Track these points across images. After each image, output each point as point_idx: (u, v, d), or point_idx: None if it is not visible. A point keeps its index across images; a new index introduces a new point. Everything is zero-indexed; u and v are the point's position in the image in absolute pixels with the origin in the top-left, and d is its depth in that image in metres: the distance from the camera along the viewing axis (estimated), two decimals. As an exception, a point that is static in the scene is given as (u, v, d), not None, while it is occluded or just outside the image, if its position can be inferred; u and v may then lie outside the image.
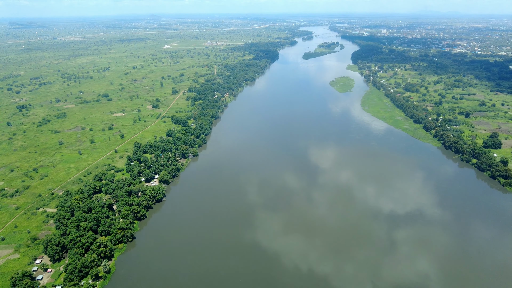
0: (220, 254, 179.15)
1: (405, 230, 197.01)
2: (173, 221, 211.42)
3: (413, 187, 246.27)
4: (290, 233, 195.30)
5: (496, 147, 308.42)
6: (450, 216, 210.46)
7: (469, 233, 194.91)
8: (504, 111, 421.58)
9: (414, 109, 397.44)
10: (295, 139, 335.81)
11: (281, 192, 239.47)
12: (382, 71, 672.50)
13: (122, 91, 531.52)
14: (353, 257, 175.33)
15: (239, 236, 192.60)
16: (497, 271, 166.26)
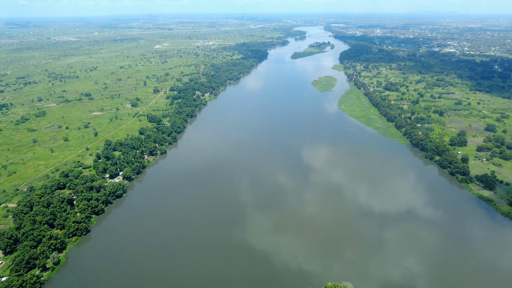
0: (173, 252, 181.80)
1: (361, 220, 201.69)
2: (130, 217, 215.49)
3: (376, 183, 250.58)
4: (245, 231, 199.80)
5: (462, 145, 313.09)
6: (406, 209, 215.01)
7: (418, 226, 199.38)
8: (478, 110, 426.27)
9: (388, 108, 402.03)
10: (264, 138, 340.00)
11: (241, 190, 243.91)
12: (367, 70, 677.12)
13: (105, 90, 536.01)
14: (324, 246, 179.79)
15: (195, 234, 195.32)
16: (438, 261, 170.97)
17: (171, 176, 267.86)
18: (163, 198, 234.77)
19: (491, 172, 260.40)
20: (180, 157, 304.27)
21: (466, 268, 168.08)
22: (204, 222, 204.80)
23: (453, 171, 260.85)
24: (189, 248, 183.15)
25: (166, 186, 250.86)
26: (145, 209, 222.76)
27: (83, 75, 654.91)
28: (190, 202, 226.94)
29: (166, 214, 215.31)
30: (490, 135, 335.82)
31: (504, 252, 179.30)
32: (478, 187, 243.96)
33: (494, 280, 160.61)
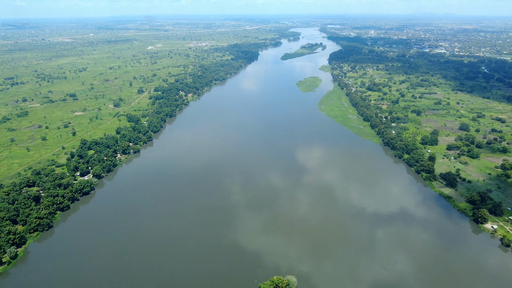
0: (133, 249, 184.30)
1: (321, 215, 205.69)
2: (95, 213, 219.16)
3: (342, 180, 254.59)
4: (199, 231, 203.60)
5: (433, 144, 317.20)
6: (368, 205, 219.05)
7: (376, 222, 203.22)
8: (456, 109, 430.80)
9: (365, 108, 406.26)
10: (238, 138, 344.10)
11: (209, 188, 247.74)
12: (353, 71, 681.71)
13: (90, 91, 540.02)
14: (293, 238, 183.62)
15: (157, 231, 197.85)
16: (385, 254, 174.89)
17: (141, 174, 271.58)
18: (130, 195, 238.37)
19: (456, 170, 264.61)
20: (153, 156, 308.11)
21: (411, 260, 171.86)
22: (167, 221, 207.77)
23: (418, 169, 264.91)
24: (149, 245, 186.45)
25: (135, 184, 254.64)
26: (111, 206, 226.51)
27: (71, 76, 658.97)
28: (157, 201, 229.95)
29: (131, 211, 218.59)
30: (463, 134, 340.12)
31: (449, 246, 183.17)
32: (441, 184, 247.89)
33: (435, 273, 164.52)
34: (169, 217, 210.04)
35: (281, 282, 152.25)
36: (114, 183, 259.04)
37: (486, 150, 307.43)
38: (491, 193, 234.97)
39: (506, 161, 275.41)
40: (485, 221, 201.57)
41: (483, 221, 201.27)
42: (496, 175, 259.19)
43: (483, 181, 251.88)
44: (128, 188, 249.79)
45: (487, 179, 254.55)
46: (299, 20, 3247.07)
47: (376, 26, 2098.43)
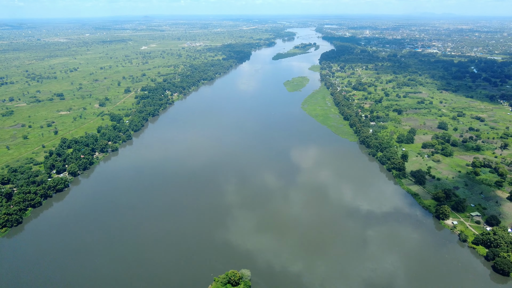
0: (103, 245, 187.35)
1: (293, 209, 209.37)
2: (67, 209, 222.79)
3: (315, 176, 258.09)
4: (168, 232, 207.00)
5: (409, 142, 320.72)
6: (338, 199, 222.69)
7: (344, 217, 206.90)
8: (438, 108, 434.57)
9: (346, 107, 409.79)
10: (218, 137, 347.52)
11: (182, 186, 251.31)
12: (342, 71, 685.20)
13: (78, 90, 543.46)
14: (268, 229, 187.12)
15: (128, 228, 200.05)
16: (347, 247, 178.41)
17: (117, 172, 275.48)
18: (104, 193, 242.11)
19: (428, 168, 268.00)
20: (131, 154, 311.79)
21: (369, 256, 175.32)
22: (138, 219, 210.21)
23: (389, 167, 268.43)
24: (118, 241, 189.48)
25: (110, 182, 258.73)
26: (84, 202, 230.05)
27: (61, 76, 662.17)
28: (130, 198, 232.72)
29: (103, 207, 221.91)
30: (440, 132, 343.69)
31: (409, 241, 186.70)
32: (410, 182, 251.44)
33: (390, 268, 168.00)
34: (141, 215, 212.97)
35: (234, 275, 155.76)
36: (90, 181, 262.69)
37: (460, 148, 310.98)
38: (458, 190, 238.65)
39: (476, 159, 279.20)
40: (446, 218, 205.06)
41: (444, 217, 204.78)
42: (466, 173, 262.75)
43: (452, 178, 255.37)
44: (103, 185, 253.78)
45: (456, 176, 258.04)
46: (297, 20, 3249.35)
47: (372, 26, 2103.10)
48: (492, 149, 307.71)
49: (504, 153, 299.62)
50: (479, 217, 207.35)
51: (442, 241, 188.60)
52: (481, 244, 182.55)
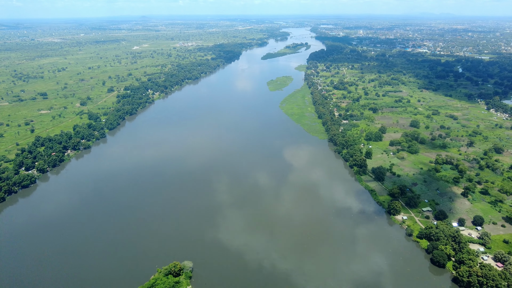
0: (64, 240, 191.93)
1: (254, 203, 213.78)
2: (31, 204, 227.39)
3: (279, 173, 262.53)
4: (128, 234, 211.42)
5: (377, 140, 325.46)
6: (298, 194, 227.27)
7: (299, 210, 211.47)
8: (415, 107, 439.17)
9: (321, 106, 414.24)
10: (192, 135, 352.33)
11: (148, 184, 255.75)
12: (327, 70, 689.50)
13: (63, 90, 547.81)
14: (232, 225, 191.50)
15: (90, 225, 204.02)
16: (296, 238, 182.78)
17: (87, 169, 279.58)
18: (71, 189, 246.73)
19: (390, 165, 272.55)
20: (102, 152, 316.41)
21: (319, 248, 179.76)
22: (101, 215, 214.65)
23: (351, 164, 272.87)
24: (78, 237, 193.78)
25: (77, 178, 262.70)
26: (49, 198, 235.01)
27: (48, 76, 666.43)
28: (95, 195, 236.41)
29: (69, 203, 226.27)
30: (411, 130, 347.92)
31: (359, 235, 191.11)
32: (370, 178, 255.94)
33: (336, 261, 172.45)
34: (100, 209, 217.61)
35: (175, 266, 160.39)
36: (59, 177, 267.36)
37: (427, 146, 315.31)
38: (416, 186, 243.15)
39: (439, 156, 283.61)
40: (397, 213, 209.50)
41: (395, 212, 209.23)
42: (427, 170, 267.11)
43: (412, 175, 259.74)
44: (70, 181, 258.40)
45: (417, 173, 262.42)
46: (295, 20, 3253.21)
47: (368, 26, 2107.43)
48: (458, 147, 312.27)
49: (469, 151, 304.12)
50: (430, 212, 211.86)
51: (390, 236, 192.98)
52: (424, 238, 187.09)
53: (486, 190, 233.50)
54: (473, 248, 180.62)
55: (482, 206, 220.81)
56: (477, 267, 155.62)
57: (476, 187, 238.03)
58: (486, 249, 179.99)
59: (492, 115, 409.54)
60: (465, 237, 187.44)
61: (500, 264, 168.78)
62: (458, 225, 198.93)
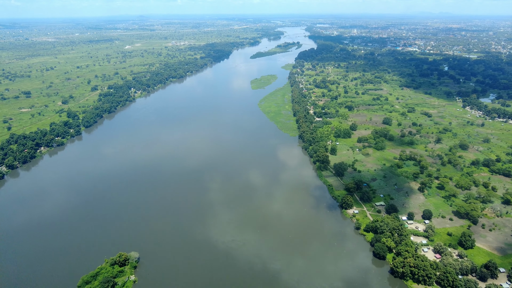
0: (29, 235, 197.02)
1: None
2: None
3: (246, 166, 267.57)
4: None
5: (346, 137, 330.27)
6: (258, 187, 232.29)
7: (256, 202, 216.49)
8: (392, 104, 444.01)
9: (297, 104, 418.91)
10: (167, 134, 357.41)
11: (122, 183, 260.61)
12: (313, 69, 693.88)
13: (47, 89, 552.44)
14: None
15: (56, 222, 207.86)
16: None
17: (59, 165, 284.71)
18: (41, 184, 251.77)
19: (354, 161, 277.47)
20: (76, 149, 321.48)
21: (271, 240, 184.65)
22: (66, 210, 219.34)
23: (315, 160, 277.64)
24: (44, 233, 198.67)
25: (48, 175, 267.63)
26: (17, 193, 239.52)
27: (35, 75, 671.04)
28: (64, 192, 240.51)
29: (36, 198, 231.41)
30: (382, 127, 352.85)
31: (310, 228, 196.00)
32: (330, 174, 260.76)
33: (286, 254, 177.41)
34: (66, 203, 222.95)
35: (121, 257, 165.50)
36: (30, 173, 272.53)
37: (395, 143, 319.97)
38: (374, 182, 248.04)
39: (403, 152, 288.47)
40: (349, 207, 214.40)
41: (347, 207, 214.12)
42: (390, 166, 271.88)
43: (374, 171, 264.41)
44: (40, 177, 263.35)
45: (379, 169, 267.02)
46: (292, 19, 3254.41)
47: (363, 26, 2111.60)
48: (426, 143, 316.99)
49: (436, 147, 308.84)
50: (382, 207, 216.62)
51: (338, 229, 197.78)
52: (371, 231, 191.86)
53: (442, 185, 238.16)
54: (416, 240, 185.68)
55: (435, 200, 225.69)
56: (411, 258, 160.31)
57: (433, 182, 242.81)
58: (429, 242, 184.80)
59: (467, 113, 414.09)
60: (411, 230, 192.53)
61: (438, 255, 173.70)
62: (407, 218, 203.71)
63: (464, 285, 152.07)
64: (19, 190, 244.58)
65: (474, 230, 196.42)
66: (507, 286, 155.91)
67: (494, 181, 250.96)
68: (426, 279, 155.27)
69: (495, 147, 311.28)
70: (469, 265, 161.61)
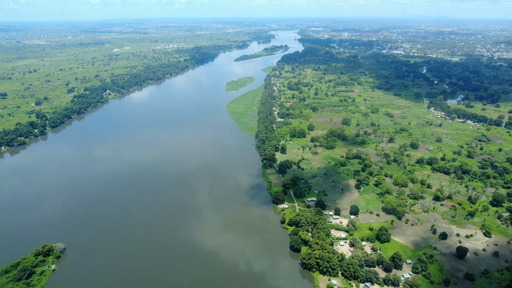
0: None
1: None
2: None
3: (200, 162, 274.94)
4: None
5: (301, 136, 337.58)
6: (201, 181, 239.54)
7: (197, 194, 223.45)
8: (357, 105, 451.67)
9: (263, 105, 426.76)
10: (129, 132, 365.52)
11: (74, 185, 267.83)
12: (292, 72, 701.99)
13: (25, 91, 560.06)
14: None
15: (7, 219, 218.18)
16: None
17: (21, 165, 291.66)
18: None
19: (300, 159, 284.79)
20: (37, 148, 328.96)
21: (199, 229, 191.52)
22: (15, 209, 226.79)
23: (263, 158, 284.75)
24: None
25: (4, 174, 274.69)
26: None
27: (17, 77, 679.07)
28: (17, 190, 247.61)
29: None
30: (338, 127, 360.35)
31: (242, 222, 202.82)
32: (274, 171, 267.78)
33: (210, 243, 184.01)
34: (13, 199, 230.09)
35: (45, 247, 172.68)
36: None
37: (348, 142, 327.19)
38: (314, 179, 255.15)
39: (350, 151, 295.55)
40: (280, 202, 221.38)
41: (278, 202, 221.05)
42: (334, 164, 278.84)
43: (317, 168, 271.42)
44: None
45: (322, 167, 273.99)
46: (288, 23, 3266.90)
47: (356, 29, 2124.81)
48: (378, 143, 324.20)
49: (387, 146, 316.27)
50: (313, 202, 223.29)
51: (265, 223, 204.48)
52: (293, 224, 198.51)
53: (379, 183, 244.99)
54: (337, 234, 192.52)
55: (369, 197, 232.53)
56: (318, 250, 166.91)
57: (370, 180, 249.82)
58: (348, 236, 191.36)
59: (430, 113, 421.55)
60: (334, 225, 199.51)
61: (351, 248, 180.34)
62: (334, 214, 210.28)
63: (364, 275, 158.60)
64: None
65: (397, 225, 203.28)
66: (408, 276, 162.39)
67: (433, 178, 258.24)
68: (331, 271, 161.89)
69: (445, 146, 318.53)
70: (375, 258, 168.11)
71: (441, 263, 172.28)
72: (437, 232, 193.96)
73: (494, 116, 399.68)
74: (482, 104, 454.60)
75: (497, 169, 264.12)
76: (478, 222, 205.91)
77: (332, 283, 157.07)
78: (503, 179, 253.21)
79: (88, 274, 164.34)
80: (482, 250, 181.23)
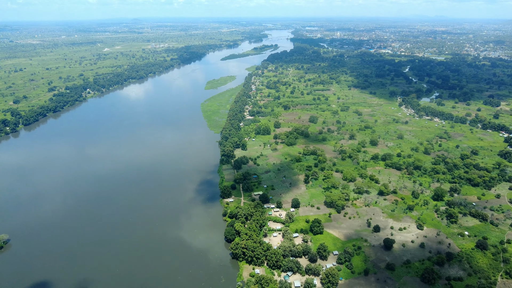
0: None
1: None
2: None
3: (159, 158, 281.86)
4: None
5: (265, 134, 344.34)
6: (157, 176, 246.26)
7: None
8: (329, 104, 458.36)
9: (235, 103, 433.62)
10: (104, 132, 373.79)
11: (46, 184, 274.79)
12: (274, 71, 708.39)
13: (6, 89, 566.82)
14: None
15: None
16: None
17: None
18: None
19: (259, 155, 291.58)
20: (5, 144, 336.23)
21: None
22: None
23: (221, 154, 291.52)
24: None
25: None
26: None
27: (1, 76, 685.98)
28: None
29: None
30: (303, 125, 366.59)
31: (188, 215, 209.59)
32: (230, 167, 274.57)
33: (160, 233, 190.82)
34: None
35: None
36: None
37: (309, 139, 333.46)
38: (267, 174, 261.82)
39: (307, 147, 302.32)
40: (227, 196, 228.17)
41: (225, 196, 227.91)
42: (290, 160, 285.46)
43: (272, 164, 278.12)
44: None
45: (278, 163, 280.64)
46: (285, 22, 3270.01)
47: (350, 28, 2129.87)
48: (338, 140, 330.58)
49: (348, 143, 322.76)
50: (258, 196, 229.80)
51: (208, 216, 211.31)
52: (233, 217, 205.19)
53: (327, 177, 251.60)
54: (274, 226, 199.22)
55: (315, 191, 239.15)
56: (244, 241, 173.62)
57: (319, 175, 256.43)
58: (284, 227, 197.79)
59: (400, 111, 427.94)
60: (272, 217, 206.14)
61: (282, 238, 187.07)
62: (276, 206, 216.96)
63: (286, 264, 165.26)
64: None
65: (335, 218, 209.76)
66: (330, 265, 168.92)
67: (384, 174, 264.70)
68: (255, 260, 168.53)
69: (405, 143, 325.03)
70: (301, 248, 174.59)
71: (367, 254, 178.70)
72: (372, 225, 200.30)
73: (462, 113, 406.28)
74: (453, 102, 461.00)
75: (448, 165, 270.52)
76: (416, 215, 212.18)
77: (254, 272, 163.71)
78: (452, 174, 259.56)
79: (31, 264, 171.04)
80: (410, 242, 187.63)
